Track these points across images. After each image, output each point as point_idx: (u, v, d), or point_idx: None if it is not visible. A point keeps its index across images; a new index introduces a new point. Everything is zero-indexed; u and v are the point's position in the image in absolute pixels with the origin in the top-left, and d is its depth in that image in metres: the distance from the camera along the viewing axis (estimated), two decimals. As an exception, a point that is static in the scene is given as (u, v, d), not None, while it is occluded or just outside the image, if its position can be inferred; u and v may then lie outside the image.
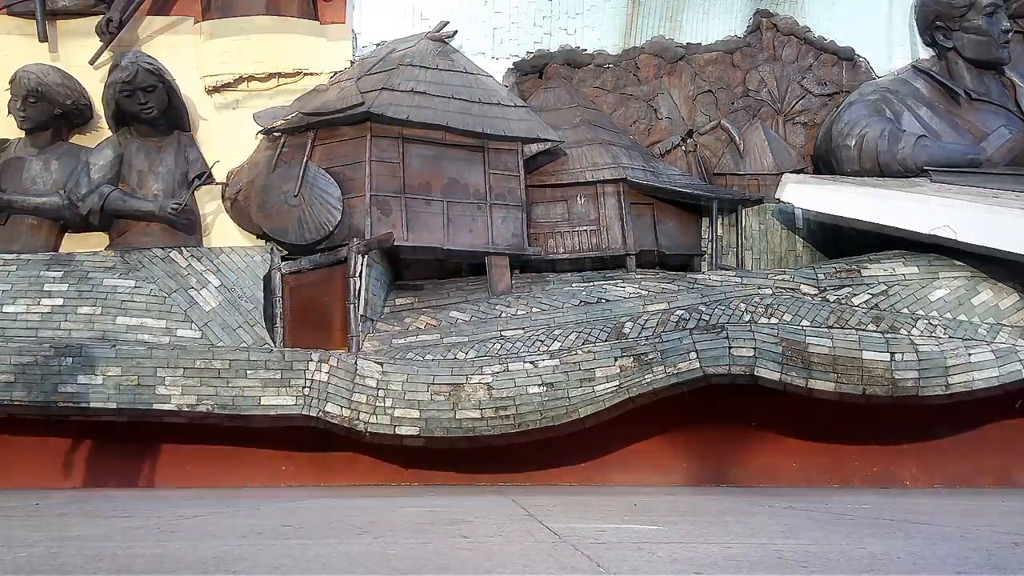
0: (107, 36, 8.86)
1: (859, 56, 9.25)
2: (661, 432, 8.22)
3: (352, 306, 7.94)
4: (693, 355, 7.68)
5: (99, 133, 8.92)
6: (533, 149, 8.73)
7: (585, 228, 8.73)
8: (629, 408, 7.72)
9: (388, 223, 8.18)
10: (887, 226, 8.17)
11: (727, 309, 7.94)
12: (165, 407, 7.76)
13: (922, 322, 7.87)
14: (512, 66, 9.07)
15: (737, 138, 9.04)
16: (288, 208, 8.25)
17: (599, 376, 7.71)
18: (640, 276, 8.47)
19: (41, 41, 8.87)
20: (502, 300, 8.27)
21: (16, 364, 7.75)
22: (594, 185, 8.73)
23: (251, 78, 8.90)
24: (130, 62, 8.52)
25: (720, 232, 8.81)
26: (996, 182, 8.38)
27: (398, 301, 8.38)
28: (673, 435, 8.24)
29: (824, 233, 8.76)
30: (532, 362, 7.75)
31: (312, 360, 7.83)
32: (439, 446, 7.80)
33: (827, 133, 8.95)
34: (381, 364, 7.78)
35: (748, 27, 9.30)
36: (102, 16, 8.86)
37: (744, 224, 8.83)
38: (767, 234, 8.81)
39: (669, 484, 8.08)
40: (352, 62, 8.91)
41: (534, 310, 8.16)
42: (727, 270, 8.60)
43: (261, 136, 8.63)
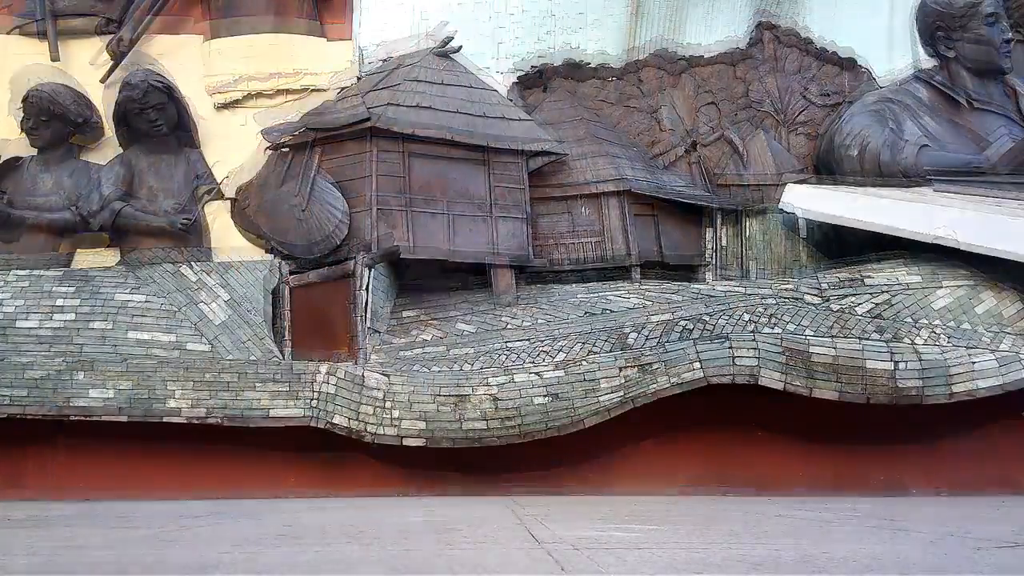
0: (118, 55, 9.00)
1: (861, 66, 9.24)
2: (664, 435, 8.24)
3: (359, 319, 8.06)
4: (697, 364, 7.76)
5: (108, 150, 9.02)
6: (537, 161, 8.81)
7: (590, 239, 8.79)
8: (629, 408, 7.78)
9: (394, 235, 8.29)
10: (890, 228, 8.19)
11: (731, 319, 8.00)
12: (175, 420, 7.91)
13: (925, 330, 7.88)
14: (516, 80, 9.14)
15: (740, 148, 9.07)
16: (297, 222, 8.41)
17: (603, 387, 7.78)
18: (644, 287, 8.51)
19: (53, 61, 9.00)
20: (507, 311, 8.34)
21: (29, 378, 7.92)
22: (598, 196, 8.80)
23: (251, 78, 8.98)
24: (140, 80, 8.67)
25: (724, 242, 8.85)
26: (998, 188, 8.38)
27: (405, 314, 8.46)
28: (675, 438, 8.26)
29: (826, 237, 8.75)
30: (537, 372, 7.84)
31: (320, 372, 7.97)
32: (444, 455, 7.88)
33: (829, 142, 8.94)
34: (388, 375, 7.88)
35: (750, 39, 9.32)
36: (103, 22, 8.97)
37: (748, 233, 8.85)
38: (771, 243, 8.83)
39: (671, 487, 8.11)
40: (359, 77, 8.99)
41: (539, 321, 8.22)
42: (731, 279, 8.64)
43: (269, 151, 8.75)
